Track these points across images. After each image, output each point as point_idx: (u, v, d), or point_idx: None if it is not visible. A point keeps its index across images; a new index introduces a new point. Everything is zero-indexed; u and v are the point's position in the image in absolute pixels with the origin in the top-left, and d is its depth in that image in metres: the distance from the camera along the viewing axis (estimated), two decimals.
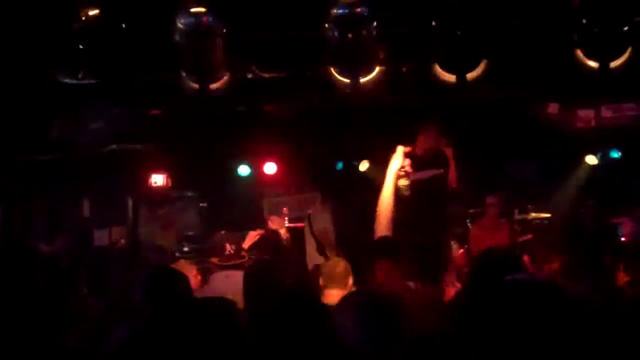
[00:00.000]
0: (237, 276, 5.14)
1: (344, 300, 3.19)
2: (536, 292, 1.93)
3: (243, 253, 6.06)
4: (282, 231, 7.22)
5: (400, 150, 5.15)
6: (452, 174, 7.38)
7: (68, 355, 4.28)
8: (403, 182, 5.24)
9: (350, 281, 4.75)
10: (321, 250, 9.29)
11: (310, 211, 8.90)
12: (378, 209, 5.22)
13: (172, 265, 5.70)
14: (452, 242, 8.85)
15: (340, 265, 4.87)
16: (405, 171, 5.17)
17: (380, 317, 2.93)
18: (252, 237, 7.19)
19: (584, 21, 5.78)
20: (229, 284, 5.30)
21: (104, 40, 5.35)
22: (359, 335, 2.88)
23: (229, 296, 4.87)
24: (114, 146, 9.49)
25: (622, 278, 5.29)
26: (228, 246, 6.01)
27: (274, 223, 7.61)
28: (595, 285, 4.78)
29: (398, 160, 5.10)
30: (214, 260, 6.30)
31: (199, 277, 6.02)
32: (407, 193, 5.37)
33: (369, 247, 4.96)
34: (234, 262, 5.94)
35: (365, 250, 4.86)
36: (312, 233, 9.44)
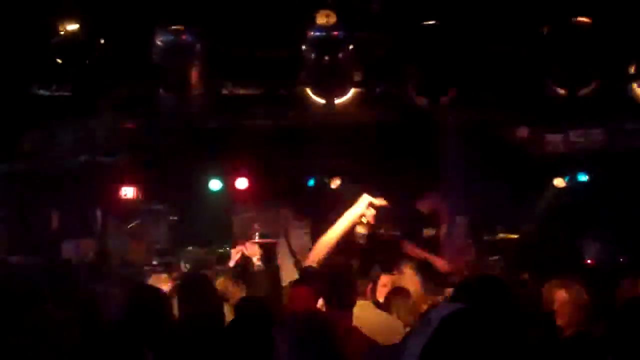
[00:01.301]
0: None
1: (279, 325, 3.25)
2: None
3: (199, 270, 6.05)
4: (256, 258, 7.22)
5: (366, 198, 5.14)
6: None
7: None
8: (361, 230, 5.22)
9: None
10: (299, 266, 9.35)
11: (287, 227, 8.93)
12: (317, 245, 5.21)
13: (147, 281, 5.70)
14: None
15: None
16: (368, 222, 5.16)
17: (313, 339, 3.00)
18: (234, 257, 7.17)
19: (553, 50, 5.93)
20: None
21: (81, 55, 5.35)
22: (294, 356, 2.95)
23: None
24: (84, 158, 9.43)
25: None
26: (182, 265, 6.02)
27: (248, 250, 7.61)
28: None
29: (360, 207, 5.09)
30: (170, 279, 6.29)
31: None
32: (362, 242, 5.35)
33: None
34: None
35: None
36: (291, 249, 9.48)
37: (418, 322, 1.94)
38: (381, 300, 6.16)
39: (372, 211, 5.12)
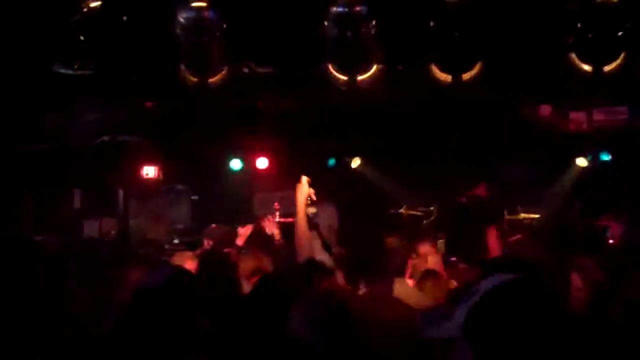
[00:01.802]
0: None
1: (295, 305, 3.26)
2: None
3: (221, 248, 6.07)
4: (275, 232, 7.24)
5: (304, 180, 5.24)
6: None
7: (61, 344, 4.32)
8: (311, 210, 5.35)
9: None
10: (327, 246, 9.34)
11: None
12: (296, 234, 5.32)
13: (172, 259, 5.73)
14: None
15: None
16: (311, 199, 5.27)
17: (329, 316, 3.01)
18: (243, 234, 7.19)
19: (578, 26, 5.85)
20: None
21: (104, 32, 5.36)
22: (309, 335, 2.95)
23: None
24: (105, 138, 9.48)
25: None
26: (206, 242, 6.04)
27: (267, 225, 7.63)
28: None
29: (304, 190, 5.20)
30: (194, 255, 6.33)
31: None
32: (315, 221, 5.50)
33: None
34: None
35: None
36: (318, 230, 9.45)
37: (464, 292, 1.95)
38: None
39: (312, 190, 5.21)
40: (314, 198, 5.24)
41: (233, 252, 6.00)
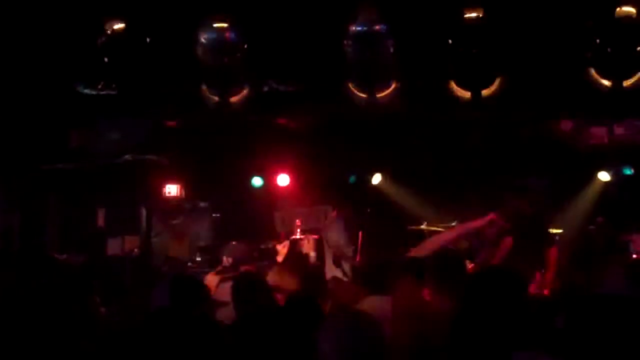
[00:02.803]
0: (228, 287, 5.24)
1: (326, 321, 3.24)
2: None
3: (240, 266, 6.08)
4: (311, 253, 7.25)
5: (490, 218, 5.37)
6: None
7: None
8: (464, 245, 5.53)
9: None
10: (337, 262, 9.36)
11: (321, 226, 8.95)
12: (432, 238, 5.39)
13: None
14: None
15: None
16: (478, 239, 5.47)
17: (359, 340, 2.98)
18: (281, 251, 7.20)
19: (597, 41, 5.86)
20: (221, 293, 5.37)
21: (127, 54, 5.46)
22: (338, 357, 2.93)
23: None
24: (128, 156, 9.59)
25: None
26: (225, 259, 6.05)
27: (305, 245, 7.60)
28: None
29: (481, 224, 5.35)
30: (211, 273, 6.35)
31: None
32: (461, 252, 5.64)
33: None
34: (227, 275, 5.97)
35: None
36: (329, 246, 9.48)
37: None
38: None
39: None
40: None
41: (252, 269, 6.02)
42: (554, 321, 3.71)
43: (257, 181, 10.80)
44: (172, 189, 10.67)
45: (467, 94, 6.06)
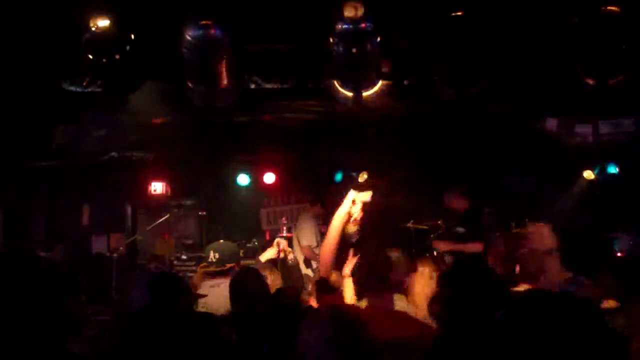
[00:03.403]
0: (223, 287, 5.24)
1: (309, 317, 3.24)
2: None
3: (227, 263, 6.08)
4: (290, 256, 7.21)
5: (351, 195, 5.04)
6: None
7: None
8: (350, 229, 5.16)
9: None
10: (308, 262, 9.39)
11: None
12: (322, 247, 5.20)
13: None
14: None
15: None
16: (354, 219, 5.08)
17: (343, 334, 2.97)
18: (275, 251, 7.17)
19: (582, 39, 5.87)
20: (216, 294, 5.37)
21: (112, 50, 5.42)
22: (321, 352, 2.92)
23: (216, 305, 4.99)
24: (114, 154, 9.54)
25: None
26: (211, 254, 6.07)
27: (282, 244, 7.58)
28: None
29: (346, 206, 5.01)
30: (199, 268, 6.36)
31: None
32: (354, 239, 5.29)
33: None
34: (214, 270, 6.00)
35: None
36: (300, 246, 9.50)
37: None
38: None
39: (358, 208, 5.06)
40: (358, 219, 5.10)
41: (236, 267, 6.02)
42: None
43: (243, 179, 10.79)
44: (157, 187, 10.63)
45: (453, 92, 6.06)
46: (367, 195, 5.09)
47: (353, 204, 5.07)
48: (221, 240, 6.55)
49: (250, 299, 4.63)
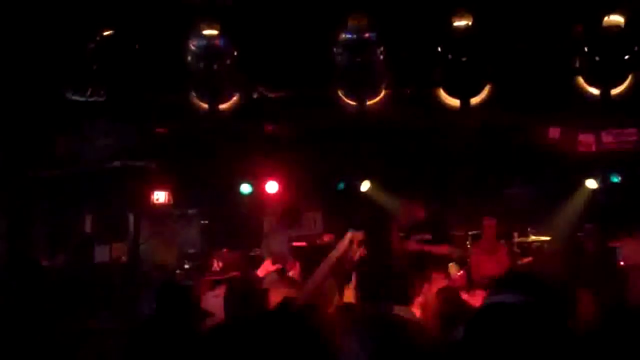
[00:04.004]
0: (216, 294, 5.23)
1: (352, 323, 3.23)
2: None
3: (229, 271, 6.09)
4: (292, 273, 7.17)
5: (347, 237, 5.00)
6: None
7: None
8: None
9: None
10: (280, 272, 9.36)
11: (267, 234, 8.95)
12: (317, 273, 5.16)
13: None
14: (451, 264, 8.93)
15: None
16: (351, 258, 5.09)
17: (386, 344, 2.96)
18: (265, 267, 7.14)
19: (585, 49, 5.89)
20: (219, 304, 5.36)
21: (117, 60, 5.44)
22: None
23: (219, 314, 4.99)
24: (117, 163, 9.54)
25: None
26: (215, 263, 6.09)
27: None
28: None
29: (342, 248, 4.97)
30: (202, 277, 6.38)
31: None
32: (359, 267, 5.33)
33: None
34: (217, 277, 6.01)
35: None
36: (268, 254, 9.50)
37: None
38: None
39: (356, 248, 5.05)
40: (355, 258, 5.09)
41: (239, 275, 6.03)
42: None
43: (245, 188, 10.79)
44: (160, 196, 10.62)
45: (456, 102, 6.07)
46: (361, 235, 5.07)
47: (350, 244, 5.02)
48: (224, 250, 6.56)
49: (242, 310, 4.60)
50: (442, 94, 6.15)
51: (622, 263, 9.51)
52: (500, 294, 1.99)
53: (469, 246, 9.68)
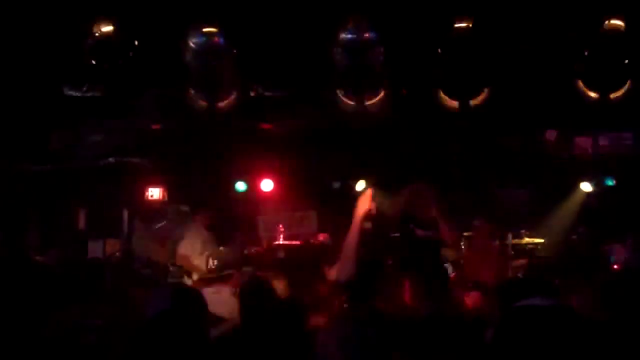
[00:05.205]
0: (226, 292, 5.25)
1: (331, 323, 3.23)
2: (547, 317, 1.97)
3: (225, 270, 6.10)
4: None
5: (369, 193, 5.12)
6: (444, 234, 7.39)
7: None
8: (367, 225, 5.26)
9: None
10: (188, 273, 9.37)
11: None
12: (343, 251, 5.21)
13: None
14: (446, 265, 8.91)
15: None
16: (370, 213, 5.18)
17: (365, 343, 2.95)
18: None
19: (585, 53, 5.89)
20: (219, 299, 5.36)
21: (115, 56, 5.41)
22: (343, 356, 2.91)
23: (219, 311, 4.98)
24: (111, 159, 9.51)
25: None
26: (210, 261, 6.10)
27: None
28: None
29: (365, 203, 5.07)
30: (197, 276, 6.37)
31: None
32: (369, 237, 5.39)
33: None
34: (212, 276, 6.02)
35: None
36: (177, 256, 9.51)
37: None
38: None
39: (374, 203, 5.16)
40: (374, 212, 5.18)
41: (234, 273, 6.02)
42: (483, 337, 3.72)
43: (240, 186, 10.76)
44: (154, 193, 10.57)
45: (454, 103, 6.07)
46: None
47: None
48: (221, 248, 6.55)
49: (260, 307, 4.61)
50: (442, 95, 6.16)
51: (615, 266, 9.54)
52: (529, 298, 2.00)
53: (462, 247, 9.67)
